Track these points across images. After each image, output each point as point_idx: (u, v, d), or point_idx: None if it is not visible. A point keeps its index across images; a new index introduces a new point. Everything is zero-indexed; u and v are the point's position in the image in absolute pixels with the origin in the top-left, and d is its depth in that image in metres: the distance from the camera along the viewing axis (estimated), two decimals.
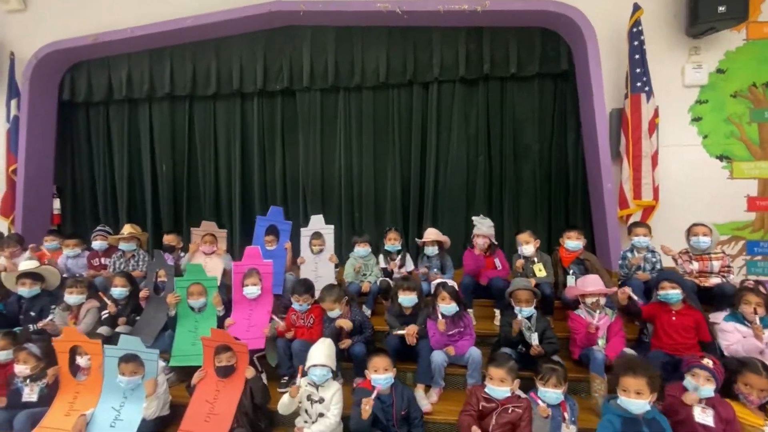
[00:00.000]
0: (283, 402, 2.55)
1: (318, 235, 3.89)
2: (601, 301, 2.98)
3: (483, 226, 3.59)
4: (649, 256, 3.49)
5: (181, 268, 3.74)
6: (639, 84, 4.00)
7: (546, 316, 3.12)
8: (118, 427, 2.61)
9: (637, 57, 4.00)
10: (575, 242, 3.50)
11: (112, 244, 4.15)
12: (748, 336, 2.73)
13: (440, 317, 2.93)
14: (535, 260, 3.48)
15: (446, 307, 2.93)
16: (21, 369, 2.79)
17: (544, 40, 4.50)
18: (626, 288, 3.04)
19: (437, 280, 3.21)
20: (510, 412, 2.39)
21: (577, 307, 3.09)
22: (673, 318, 2.88)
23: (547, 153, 4.70)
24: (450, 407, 2.77)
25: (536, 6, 4.25)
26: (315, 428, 2.52)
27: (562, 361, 2.70)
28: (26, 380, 2.80)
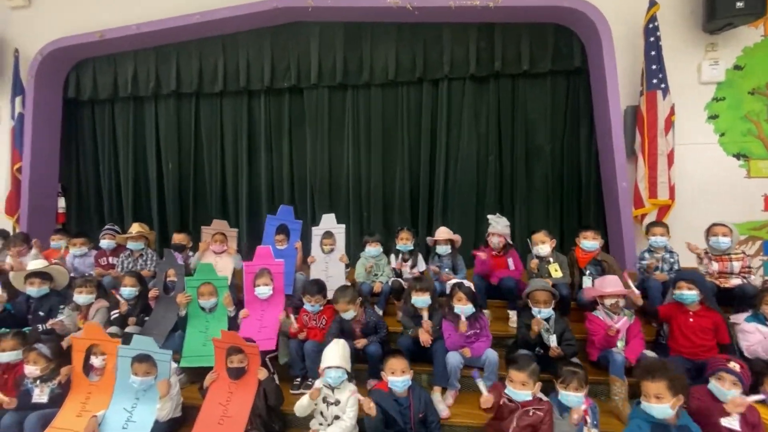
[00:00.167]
0: (302, 404, 2.52)
1: (329, 234, 3.83)
2: (620, 302, 2.93)
3: (498, 225, 3.54)
4: (667, 257, 3.43)
5: (190, 268, 3.70)
6: (655, 81, 3.94)
7: (563, 318, 3.06)
8: (130, 428, 2.57)
9: (653, 53, 3.94)
10: (591, 242, 3.44)
11: (121, 243, 4.11)
12: None
13: (463, 318, 2.87)
14: (550, 260, 3.42)
15: (463, 308, 2.87)
16: (31, 370, 2.74)
17: (557, 37, 4.45)
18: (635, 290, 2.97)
19: (452, 280, 3.15)
20: (531, 414, 2.34)
21: (594, 308, 3.04)
22: (691, 320, 2.84)
23: (559, 151, 4.65)
24: (466, 410, 2.75)
25: (550, 2, 4.19)
26: (331, 431, 2.48)
27: (580, 363, 2.65)
28: (36, 381, 2.75)
